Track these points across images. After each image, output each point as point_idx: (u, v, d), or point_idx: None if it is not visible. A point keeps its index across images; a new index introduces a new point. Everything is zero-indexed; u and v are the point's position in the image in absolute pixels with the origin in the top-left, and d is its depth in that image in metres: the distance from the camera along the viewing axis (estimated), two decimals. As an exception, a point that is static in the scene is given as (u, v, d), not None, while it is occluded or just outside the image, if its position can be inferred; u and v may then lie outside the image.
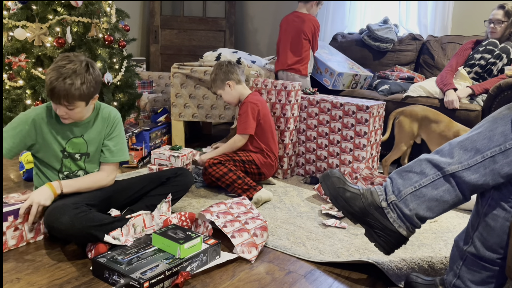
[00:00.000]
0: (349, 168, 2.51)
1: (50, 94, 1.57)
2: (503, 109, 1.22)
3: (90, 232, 1.51)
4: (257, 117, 2.39)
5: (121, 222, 1.60)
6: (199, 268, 1.51)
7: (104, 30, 2.71)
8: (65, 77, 1.55)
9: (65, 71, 1.56)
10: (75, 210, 1.52)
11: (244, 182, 2.22)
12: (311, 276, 1.54)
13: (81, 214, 1.52)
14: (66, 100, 1.57)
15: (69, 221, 1.48)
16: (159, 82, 4.04)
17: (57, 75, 1.55)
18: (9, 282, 1.39)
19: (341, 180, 1.39)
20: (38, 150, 1.71)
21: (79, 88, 1.57)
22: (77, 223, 1.49)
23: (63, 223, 1.48)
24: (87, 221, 1.51)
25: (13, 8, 2.57)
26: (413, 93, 2.92)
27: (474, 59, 2.92)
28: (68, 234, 1.52)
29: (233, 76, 2.45)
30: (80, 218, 1.50)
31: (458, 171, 1.22)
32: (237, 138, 2.38)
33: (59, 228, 1.50)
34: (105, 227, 1.55)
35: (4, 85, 2.58)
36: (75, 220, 1.49)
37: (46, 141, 1.69)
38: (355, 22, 4.06)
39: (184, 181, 1.93)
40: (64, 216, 1.49)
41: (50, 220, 1.52)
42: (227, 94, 2.48)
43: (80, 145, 1.74)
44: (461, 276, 1.29)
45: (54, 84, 1.55)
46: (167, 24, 4.67)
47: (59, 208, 1.52)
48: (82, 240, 1.57)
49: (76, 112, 1.63)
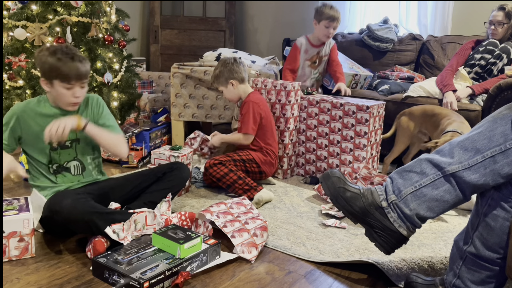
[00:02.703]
0: (349, 168, 2.51)
1: (77, 77, 1.67)
2: (503, 109, 1.22)
3: (91, 218, 1.51)
4: (259, 117, 2.40)
5: (122, 215, 1.61)
6: (199, 268, 1.51)
7: (104, 30, 2.71)
8: (81, 59, 1.69)
9: (78, 55, 1.69)
10: (77, 196, 1.56)
11: (245, 183, 2.22)
12: (311, 276, 1.54)
13: (83, 200, 1.56)
14: (86, 78, 1.72)
15: (71, 204, 1.50)
16: (159, 82, 4.04)
17: (78, 58, 1.67)
18: (9, 282, 1.39)
19: (341, 180, 1.39)
20: (25, 145, 1.75)
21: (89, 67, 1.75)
22: (79, 207, 1.51)
23: (65, 206, 1.50)
24: (89, 207, 1.53)
25: (13, 8, 2.57)
26: (413, 93, 2.92)
27: (474, 59, 2.92)
28: (69, 220, 1.52)
29: (237, 75, 2.44)
30: (82, 203, 1.53)
31: (459, 171, 1.22)
32: (242, 137, 2.41)
33: (61, 211, 1.50)
34: (106, 216, 1.56)
35: (4, 85, 2.58)
36: (77, 204, 1.51)
37: (32, 135, 1.73)
38: (355, 22, 4.06)
39: (181, 175, 1.92)
40: (67, 200, 1.51)
41: (53, 203, 1.54)
42: (229, 92, 2.48)
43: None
44: (461, 276, 1.29)
45: (78, 66, 1.67)
46: (167, 24, 4.67)
47: (62, 193, 1.57)
48: (83, 227, 1.55)
49: (85, 91, 1.75)
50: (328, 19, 2.80)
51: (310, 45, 2.94)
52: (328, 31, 2.83)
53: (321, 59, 2.92)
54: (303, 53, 2.94)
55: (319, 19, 2.85)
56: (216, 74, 2.48)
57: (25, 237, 1.53)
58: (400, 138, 2.62)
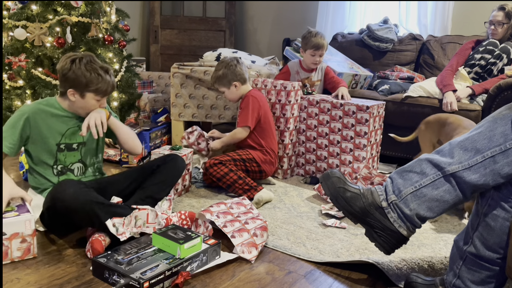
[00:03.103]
0: (349, 168, 2.51)
1: (111, 91, 1.77)
2: (503, 109, 1.22)
3: (93, 208, 1.53)
4: (258, 111, 2.39)
5: (124, 209, 1.62)
6: (199, 268, 1.51)
7: (104, 30, 2.71)
8: (111, 73, 1.77)
9: (109, 68, 1.76)
10: (80, 185, 1.59)
11: (245, 182, 2.22)
12: (311, 276, 1.54)
13: (86, 190, 1.58)
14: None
15: (73, 193, 1.52)
16: (159, 82, 4.04)
17: (110, 72, 1.75)
18: (9, 282, 1.39)
19: (341, 180, 1.39)
20: (32, 145, 1.75)
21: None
22: (81, 196, 1.52)
23: (68, 194, 1.51)
24: (91, 197, 1.55)
25: (13, 8, 2.57)
26: (413, 93, 2.92)
27: (474, 59, 2.92)
28: (71, 209, 1.52)
29: (240, 76, 2.44)
30: (85, 193, 1.55)
31: (459, 171, 1.22)
32: (238, 130, 2.40)
33: (63, 199, 1.51)
34: (108, 208, 1.57)
35: (4, 85, 2.58)
36: (80, 194, 1.53)
37: (41, 136, 1.73)
38: (355, 22, 4.05)
39: (175, 166, 1.90)
40: (70, 189, 1.53)
41: (55, 191, 1.55)
42: (232, 93, 2.47)
43: (77, 135, 1.79)
44: (461, 276, 1.29)
45: (113, 81, 1.76)
46: (167, 24, 4.67)
47: (65, 182, 1.58)
48: (84, 218, 1.56)
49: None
50: (313, 48, 2.78)
51: (301, 68, 2.94)
52: (315, 59, 2.82)
53: (313, 83, 2.93)
54: (294, 74, 2.95)
55: (304, 48, 2.83)
56: (218, 76, 2.46)
57: (27, 238, 1.53)
58: (422, 146, 2.53)
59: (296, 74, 2.94)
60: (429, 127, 2.47)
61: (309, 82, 2.89)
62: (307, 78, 2.91)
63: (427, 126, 2.47)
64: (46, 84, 2.46)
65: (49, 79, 2.47)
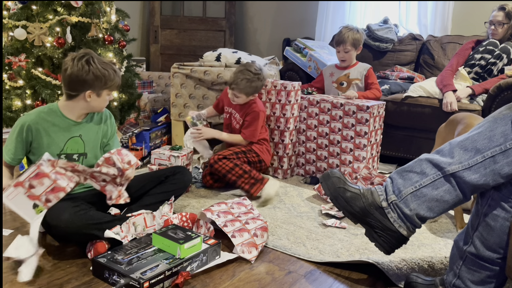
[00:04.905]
0: (349, 168, 2.51)
1: (117, 86, 1.76)
2: (503, 109, 1.22)
3: (89, 230, 1.52)
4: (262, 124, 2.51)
5: (121, 221, 1.61)
6: (199, 268, 1.51)
7: (104, 30, 2.70)
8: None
9: (114, 62, 1.75)
10: (74, 208, 1.55)
11: (250, 176, 2.26)
12: (311, 276, 1.54)
13: (81, 212, 1.54)
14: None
15: (68, 218, 1.49)
16: (159, 82, 4.04)
17: (116, 69, 1.73)
18: (9, 282, 1.39)
19: (341, 180, 1.39)
20: (32, 156, 1.72)
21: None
22: (76, 221, 1.50)
23: (62, 220, 1.49)
24: (86, 219, 1.53)
25: (13, 8, 2.57)
26: (413, 93, 2.92)
27: (474, 59, 2.92)
28: (68, 233, 1.52)
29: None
30: (80, 216, 1.52)
31: (459, 171, 1.22)
32: (241, 139, 2.47)
33: (59, 225, 1.50)
34: (105, 225, 1.56)
35: (4, 85, 2.57)
36: (75, 218, 1.50)
37: (42, 145, 1.69)
38: (355, 22, 4.04)
39: (183, 179, 1.93)
40: (64, 214, 1.50)
41: (50, 218, 1.52)
42: (244, 100, 2.46)
43: (78, 145, 1.75)
44: (461, 276, 1.29)
45: (119, 73, 1.76)
46: (167, 24, 4.67)
47: (58, 207, 1.52)
48: (82, 238, 1.57)
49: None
50: (335, 44, 2.97)
51: (336, 68, 3.02)
52: (339, 55, 2.95)
53: (350, 81, 2.94)
54: (328, 76, 3.03)
55: (333, 46, 3.08)
56: (249, 85, 2.38)
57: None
58: (436, 143, 2.44)
59: (330, 76, 3.02)
60: (448, 125, 2.42)
61: (346, 80, 2.92)
62: (344, 76, 2.96)
63: (447, 124, 2.42)
64: (46, 84, 2.45)
65: (49, 79, 2.46)
